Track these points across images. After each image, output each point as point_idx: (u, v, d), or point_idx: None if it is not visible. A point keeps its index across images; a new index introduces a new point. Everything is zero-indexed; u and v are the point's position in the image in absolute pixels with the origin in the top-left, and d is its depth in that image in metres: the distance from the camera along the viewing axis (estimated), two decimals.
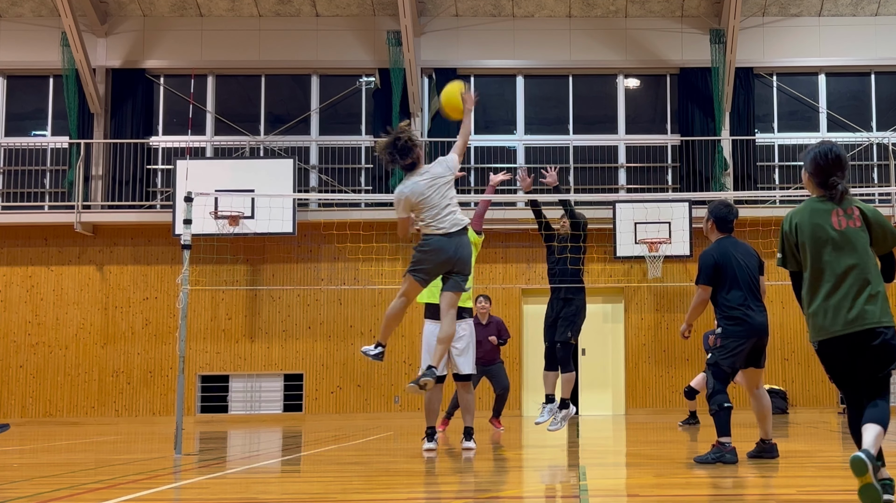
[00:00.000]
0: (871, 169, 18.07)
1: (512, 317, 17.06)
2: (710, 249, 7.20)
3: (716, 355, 7.06)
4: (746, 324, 7.00)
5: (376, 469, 7.01)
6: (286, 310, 17.36)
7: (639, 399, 17.19)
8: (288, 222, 16.21)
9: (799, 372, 17.09)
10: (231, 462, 7.86)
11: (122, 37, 18.26)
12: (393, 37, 17.66)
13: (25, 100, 18.79)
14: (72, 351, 17.26)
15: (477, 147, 18.30)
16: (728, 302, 7.03)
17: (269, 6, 18.18)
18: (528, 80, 18.56)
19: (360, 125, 18.54)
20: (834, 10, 18.13)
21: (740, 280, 7.05)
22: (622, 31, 18.27)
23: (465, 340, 8.61)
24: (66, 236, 17.28)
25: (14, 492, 5.53)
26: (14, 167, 18.13)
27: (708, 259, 7.12)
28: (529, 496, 5.42)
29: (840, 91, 18.55)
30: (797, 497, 5.06)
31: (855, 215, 4.60)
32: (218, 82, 18.60)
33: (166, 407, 17.00)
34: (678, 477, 6.07)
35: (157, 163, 18.16)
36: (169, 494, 5.47)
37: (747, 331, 7.00)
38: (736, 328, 6.98)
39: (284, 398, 17.35)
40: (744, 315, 7.00)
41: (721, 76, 17.63)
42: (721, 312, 7.09)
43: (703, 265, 7.13)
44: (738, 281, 7.05)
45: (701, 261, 7.18)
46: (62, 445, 10.77)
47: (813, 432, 11.20)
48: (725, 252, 7.14)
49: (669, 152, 18.31)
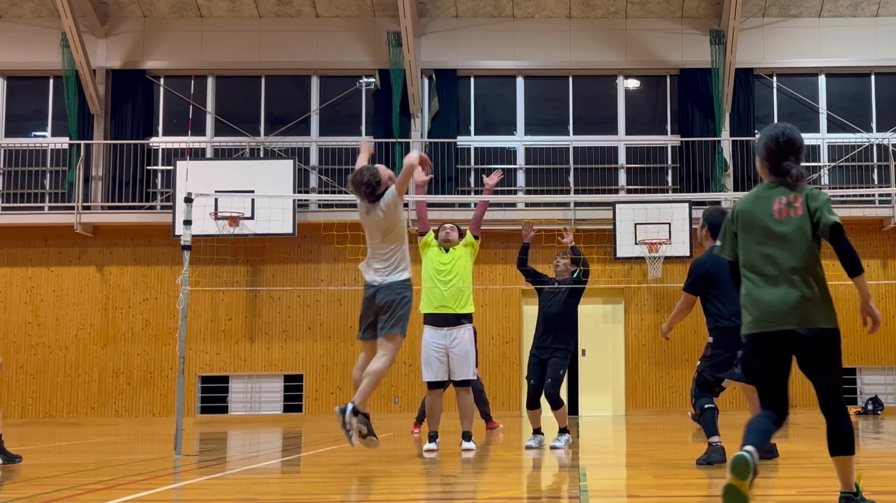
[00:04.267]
0: (871, 170, 18.07)
1: (512, 317, 17.07)
2: (703, 258, 6.98)
3: (703, 364, 6.95)
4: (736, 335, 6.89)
5: (376, 470, 7.01)
6: (286, 310, 17.36)
7: (639, 400, 17.18)
8: (288, 223, 16.20)
9: (799, 372, 17.03)
10: (231, 463, 7.86)
11: (122, 38, 18.26)
12: (393, 38, 17.66)
13: (25, 100, 18.79)
14: (72, 351, 17.26)
15: (477, 148, 18.31)
16: (720, 312, 6.86)
17: (269, 7, 18.19)
18: (528, 81, 18.57)
19: (360, 126, 18.54)
20: (834, 10, 18.13)
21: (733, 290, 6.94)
22: (622, 31, 18.27)
23: (463, 346, 8.60)
24: (67, 237, 17.27)
25: (14, 492, 5.53)
26: (14, 168, 18.13)
27: (699, 268, 6.92)
28: (529, 497, 5.42)
29: (840, 92, 18.55)
30: (797, 497, 5.06)
31: (798, 203, 4.22)
32: (218, 83, 18.60)
33: (166, 407, 17.00)
34: (678, 477, 6.07)
35: (157, 163, 18.16)
36: (169, 495, 5.47)
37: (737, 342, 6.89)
38: (726, 340, 6.75)
39: (284, 399, 17.35)
40: (735, 326, 6.90)
41: (721, 77, 17.63)
42: (712, 322, 6.92)
43: (694, 273, 6.95)
44: (730, 291, 6.94)
45: (692, 269, 7.00)
46: (62, 446, 10.77)
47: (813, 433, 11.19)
48: (718, 261, 7.04)
49: (669, 153, 18.31)
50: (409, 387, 16.90)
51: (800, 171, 4.27)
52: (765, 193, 4.33)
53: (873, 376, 17.23)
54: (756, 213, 4.29)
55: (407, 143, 17.69)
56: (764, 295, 4.22)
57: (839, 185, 17.88)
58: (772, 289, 4.21)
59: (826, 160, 18.13)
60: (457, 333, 8.57)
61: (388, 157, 17.67)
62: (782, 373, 4.31)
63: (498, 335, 17.14)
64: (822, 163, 18.12)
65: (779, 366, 4.27)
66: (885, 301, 16.94)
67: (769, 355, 4.28)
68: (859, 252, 4.30)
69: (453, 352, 8.53)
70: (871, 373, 17.22)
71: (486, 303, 16.77)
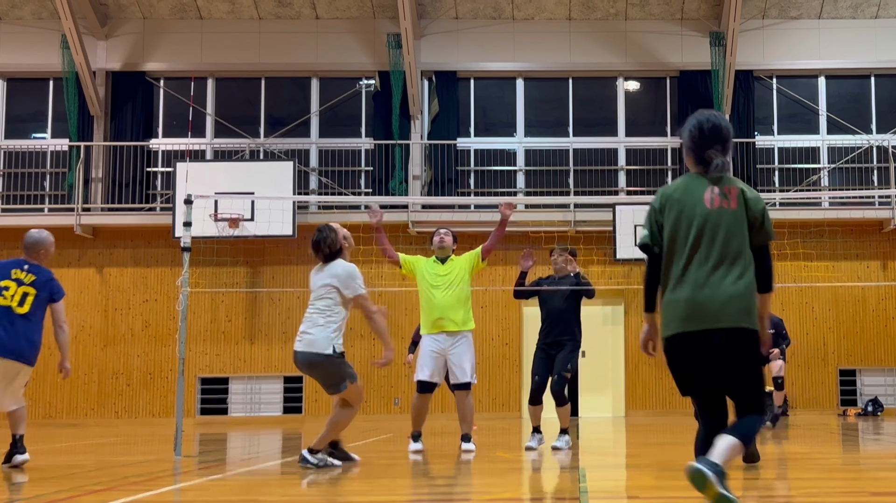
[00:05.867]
0: (870, 171, 18.07)
1: (511, 318, 17.07)
2: None
3: None
4: None
5: (376, 471, 7.00)
6: (286, 312, 17.36)
7: (639, 401, 17.18)
8: (288, 224, 16.21)
9: (799, 373, 17.08)
10: (231, 464, 7.86)
11: (122, 39, 18.27)
12: (393, 39, 17.67)
13: (25, 102, 18.80)
14: (71, 353, 17.03)
15: (477, 150, 18.32)
16: None
17: (268, 9, 18.20)
18: (528, 83, 18.57)
19: (359, 128, 18.54)
20: (833, 12, 18.14)
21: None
22: (622, 33, 18.28)
23: (463, 350, 8.59)
24: (66, 238, 17.24)
25: (14, 493, 5.53)
26: (14, 169, 18.14)
27: None
28: (529, 498, 5.41)
29: (840, 93, 18.56)
30: (797, 498, 5.05)
31: (732, 195, 4.07)
32: (218, 85, 18.60)
33: (166, 409, 16.99)
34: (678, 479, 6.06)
35: (157, 165, 18.17)
36: (168, 496, 5.46)
37: None
38: None
39: (284, 400, 17.34)
40: None
41: (721, 79, 17.64)
42: None
43: None
44: None
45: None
46: (62, 447, 10.76)
47: (813, 434, 11.20)
48: None
49: (669, 155, 18.32)
50: (409, 389, 16.87)
51: (724, 162, 4.11)
52: (694, 182, 4.15)
53: (873, 377, 17.23)
54: (687, 202, 4.09)
55: (407, 145, 17.70)
56: (688, 291, 4.01)
57: (839, 186, 17.89)
58: (694, 285, 4.00)
59: (826, 162, 18.13)
60: (455, 341, 8.57)
61: (387, 158, 17.70)
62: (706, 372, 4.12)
63: (498, 337, 17.14)
64: (822, 164, 18.12)
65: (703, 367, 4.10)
66: (886, 302, 16.93)
67: (691, 357, 4.10)
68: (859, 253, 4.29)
69: (452, 355, 8.52)
70: (871, 374, 17.22)
71: (486, 305, 16.77)
